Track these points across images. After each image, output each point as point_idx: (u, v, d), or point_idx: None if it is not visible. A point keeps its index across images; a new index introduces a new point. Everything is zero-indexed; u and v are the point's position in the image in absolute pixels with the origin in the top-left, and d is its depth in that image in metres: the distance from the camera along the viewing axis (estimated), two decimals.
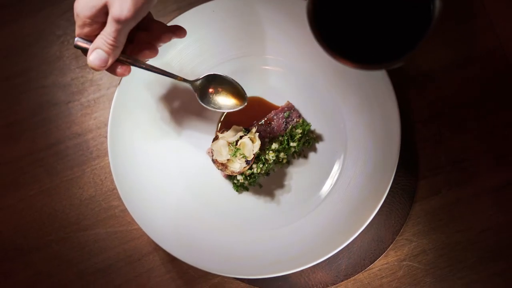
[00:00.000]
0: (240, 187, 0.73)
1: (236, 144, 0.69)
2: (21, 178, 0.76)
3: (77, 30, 0.58)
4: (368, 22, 0.55)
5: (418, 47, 0.51)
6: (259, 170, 0.72)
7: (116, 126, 0.71)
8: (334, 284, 0.72)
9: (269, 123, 0.73)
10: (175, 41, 0.70)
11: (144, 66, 0.62)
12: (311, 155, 0.74)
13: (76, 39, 0.59)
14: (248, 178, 0.72)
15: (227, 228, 0.72)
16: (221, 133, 0.70)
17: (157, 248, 0.74)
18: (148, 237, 0.73)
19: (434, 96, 0.74)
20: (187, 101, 0.74)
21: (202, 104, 0.67)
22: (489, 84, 0.74)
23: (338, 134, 0.73)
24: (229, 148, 0.69)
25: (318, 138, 0.74)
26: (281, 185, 0.73)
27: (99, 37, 0.57)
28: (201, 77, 0.67)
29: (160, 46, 0.63)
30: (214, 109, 0.68)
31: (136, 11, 0.55)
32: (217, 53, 0.74)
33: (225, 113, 0.75)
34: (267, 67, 0.74)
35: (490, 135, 0.73)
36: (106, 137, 0.75)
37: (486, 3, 0.75)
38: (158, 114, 0.74)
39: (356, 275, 0.72)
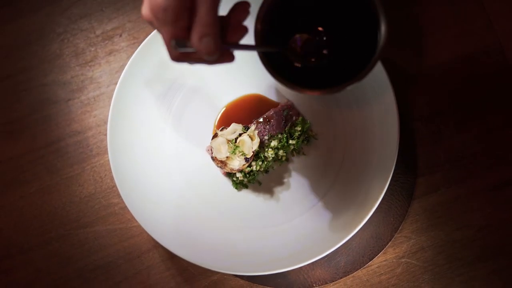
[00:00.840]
0: (239, 185, 0.73)
1: (235, 142, 0.70)
2: (21, 175, 0.76)
3: (169, 30, 0.48)
4: (318, 48, 0.55)
5: (361, 75, 0.51)
6: (258, 168, 0.72)
7: (116, 123, 0.71)
8: (333, 281, 0.72)
9: (268, 120, 0.73)
10: None
11: (241, 47, 0.53)
12: (310, 152, 0.74)
13: (174, 42, 0.47)
14: (247, 175, 0.72)
15: (226, 225, 0.72)
16: (220, 130, 0.71)
17: (157, 246, 0.74)
18: (148, 235, 0.73)
19: (434, 95, 0.74)
20: (187, 98, 0.75)
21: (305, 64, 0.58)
22: (488, 83, 0.74)
23: (337, 132, 0.73)
24: (228, 145, 0.69)
25: (317, 135, 0.74)
26: (280, 183, 0.74)
27: (196, 26, 0.47)
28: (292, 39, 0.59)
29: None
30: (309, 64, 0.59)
31: None
32: None
33: (221, 111, 0.75)
34: None
35: (489, 134, 0.73)
36: (105, 134, 0.76)
37: (485, 2, 0.75)
38: (157, 112, 0.74)
39: (355, 272, 0.72)
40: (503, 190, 0.72)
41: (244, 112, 0.74)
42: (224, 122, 0.75)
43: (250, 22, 0.52)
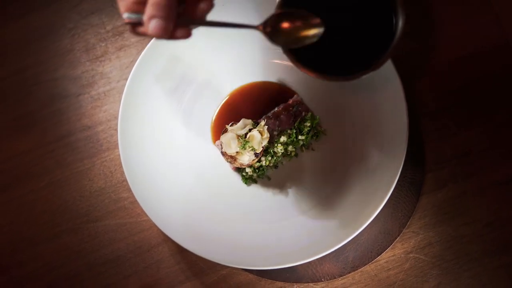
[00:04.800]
0: (248, 180, 0.74)
1: (245, 137, 0.70)
2: (31, 169, 0.76)
3: (124, 4, 0.50)
4: (334, 35, 0.55)
5: (379, 63, 0.52)
6: (267, 163, 0.73)
7: (126, 118, 0.71)
8: (341, 276, 0.72)
9: (277, 116, 0.74)
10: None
11: (204, 23, 0.54)
12: (319, 148, 0.75)
13: (126, 15, 0.50)
14: (257, 170, 0.73)
15: (235, 219, 0.73)
16: (230, 125, 0.71)
17: (166, 240, 0.74)
18: (157, 229, 0.74)
19: (441, 90, 0.75)
20: (197, 93, 0.75)
21: (279, 46, 0.57)
22: (496, 79, 0.75)
23: (345, 128, 0.74)
24: (238, 140, 0.70)
25: (326, 131, 0.75)
26: (289, 178, 0.74)
27: (147, 6, 0.49)
28: (265, 19, 0.56)
29: None
30: (292, 47, 0.57)
31: None
32: (225, 47, 0.75)
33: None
34: (276, 61, 0.75)
35: (496, 130, 0.74)
36: (116, 129, 0.76)
37: None
38: (167, 107, 0.74)
39: (363, 267, 0.72)
40: (510, 186, 0.72)
41: (253, 105, 0.75)
42: (233, 117, 0.75)
43: None
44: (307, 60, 0.54)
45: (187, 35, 0.52)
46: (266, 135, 0.70)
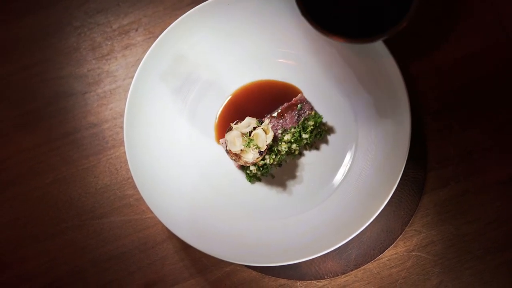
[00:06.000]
0: (252, 178, 0.74)
1: (250, 135, 0.71)
2: (37, 166, 0.77)
3: None
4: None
5: (402, 22, 0.54)
6: (271, 161, 0.73)
7: (132, 116, 0.72)
8: (344, 273, 0.73)
9: (282, 115, 0.75)
10: (187, 33, 0.72)
11: None
12: (323, 147, 0.75)
13: None
14: (261, 168, 0.74)
15: (239, 217, 0.73)
16: (234, 124, 0.72)
17: (171, 236, 0.75)
18: (162, 226, 0.74)
19: (443, 90, 0.75)
20: (202, 91, 0.76)
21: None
22: (498, 79, 0.75)
23: (349, 127, 0.74)
24: (242, 138, 0.70)
25: (330, 130, 0.75)
26: (293, 176, 0.75)
27: None
28: None
29: None
30: None
31: None
32: (231, 47, 0.76)
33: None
34: (281, 61, 0.75)
35: (499, 129, 0.74)
36: (121, 127, 0.77)
37: None
38: (172, 105, 0.75)
39: (366, 265, 0.73)
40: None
41: (257, 103, 0.75)
42: (238, 115, 0.75)
43: None
44: (328, 26, 0.56)
45: None
46: (270, 133, 0.71)
